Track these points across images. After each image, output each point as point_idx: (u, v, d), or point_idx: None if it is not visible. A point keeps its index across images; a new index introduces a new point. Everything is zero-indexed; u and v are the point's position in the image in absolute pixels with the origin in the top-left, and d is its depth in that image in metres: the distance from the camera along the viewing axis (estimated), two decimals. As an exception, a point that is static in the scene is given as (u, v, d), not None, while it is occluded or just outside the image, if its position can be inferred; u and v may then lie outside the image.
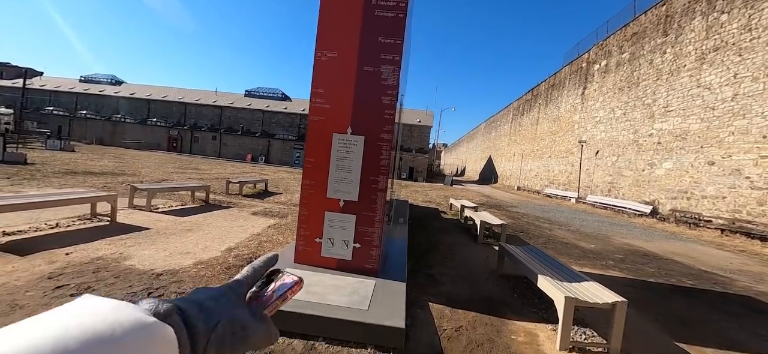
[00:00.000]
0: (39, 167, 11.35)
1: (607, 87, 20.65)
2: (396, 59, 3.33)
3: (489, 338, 2.79)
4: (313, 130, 3.47)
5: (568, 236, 8.53)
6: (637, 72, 17.86)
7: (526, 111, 36.24)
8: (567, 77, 26.88)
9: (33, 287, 2.81)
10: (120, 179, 10.35)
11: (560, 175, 25.76)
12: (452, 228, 7.93)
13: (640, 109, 17.20)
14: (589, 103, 22.58)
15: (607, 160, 19.66)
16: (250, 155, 40.68)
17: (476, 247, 6.08)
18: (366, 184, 3.41)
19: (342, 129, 3.41)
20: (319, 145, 3.46)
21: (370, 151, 3.40)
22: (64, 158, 16.10)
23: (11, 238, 3.94)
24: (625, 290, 4.31)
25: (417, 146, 39.40)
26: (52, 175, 9.83)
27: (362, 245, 3.43)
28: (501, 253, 4.47)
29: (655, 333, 3.23)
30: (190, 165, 20.85)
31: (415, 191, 18.92)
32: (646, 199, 15.89)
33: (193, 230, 5.21)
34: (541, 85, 32.92)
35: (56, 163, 13.18)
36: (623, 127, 18.42)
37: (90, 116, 43.04)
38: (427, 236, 6.57)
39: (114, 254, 3.79)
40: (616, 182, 18.45)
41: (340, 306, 2.64)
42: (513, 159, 38.25)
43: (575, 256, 6.27)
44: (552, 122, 28.55)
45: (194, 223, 5.70)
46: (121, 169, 13.58)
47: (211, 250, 4.29)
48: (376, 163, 3.40)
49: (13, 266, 3.18)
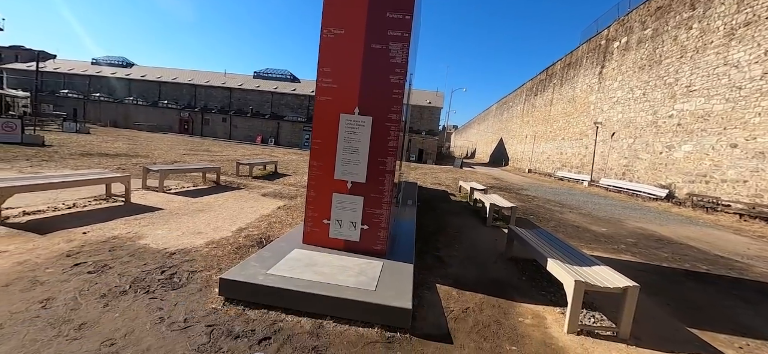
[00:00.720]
0: (56, 149, 11.65)
1: (626, 66, 19.82)
2: (405, 36, 3.21)
3: (496, 320, 2.78)
4: (320, 110, 3.42)
5: (579, 220, 8.40)
6: (659, 49, 17.04)
7: (539, 91, 35.25)
8: (584, 55, 25.87)
9: (52, 265, 2.92)
10: (133, 161, 10.56)
11: (573, 157, 25.21)
12: (461, 210, 7.89)
13: (660, 89, 16.51)
14: (607, 82, 21.77)
15: (623, 143, 19.10)
16: (260, 137, 40.95)
17: (485, 230, 6.05)
18: (374, 166, 3.38)
19: (349, 109, 3.36)
20: (327, 126, 3.42)
21: (378, 132, 3.34)
22: (80, 140, 16.50)
23: (31, 218, 4.08)
24: (637, 275, 4.24)
25: (426, 128, 38.95)
26: (68, 156, 10.09)
27: (370, 227, 3.43)
28: (510, 236, 4.42)
29: (666, 318, 3.18)
30: (201, 147, 21.13)
31: (425, 174, 18.82)
32: (662, 182, 15.47)
33: (205, 211, 5.30)
34: (556, 64, 31.82)
35: (72, 145, 13.51)
36: (642, 108, 17.76)
37: (103, 99, 43.72)
38: (435, 218, 6.56)
39: (129, 233, 3.89)
40: (632, 165, 17.96)
41: (348, 286, 2.66)
42: (525, 141, 37.53)
43: (586, 240, 6.19)
44: (566, 103, 27.73)
45: (206, 203, 5.79)
46: (135, 151, 13.85)
47: (222, 231, 4.37)
48: (384, 144, 3.35)
49: (33, 244, 3.30)
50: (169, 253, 3.44)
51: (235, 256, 3.50)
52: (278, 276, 2.72)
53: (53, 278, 2.68)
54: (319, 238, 3.53)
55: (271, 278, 2.66)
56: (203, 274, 3.01)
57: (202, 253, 3.53)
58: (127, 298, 2.50)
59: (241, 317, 2.39)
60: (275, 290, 2.54)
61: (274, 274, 2.74)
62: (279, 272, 2.79)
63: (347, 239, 3.47)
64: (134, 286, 2.69)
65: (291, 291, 2.53)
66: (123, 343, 2.01)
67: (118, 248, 3.42)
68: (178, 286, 2.76)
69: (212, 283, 2.85)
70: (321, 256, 3.26)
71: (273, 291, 2.54)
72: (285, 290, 2.53)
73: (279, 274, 2.75)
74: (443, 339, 2.42)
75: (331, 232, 3.50)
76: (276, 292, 2.54)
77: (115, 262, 3.08)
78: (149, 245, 3.60)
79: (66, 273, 2.79)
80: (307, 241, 3.56)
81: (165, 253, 3.41)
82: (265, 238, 4.19)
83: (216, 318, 2.35)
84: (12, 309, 2.23)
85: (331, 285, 2.65)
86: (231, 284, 2.59)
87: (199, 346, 2.04)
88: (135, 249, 3.45)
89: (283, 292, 2.53)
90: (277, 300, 2.53)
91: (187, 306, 2.47)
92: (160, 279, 2.85)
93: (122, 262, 3.12)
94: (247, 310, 2.47)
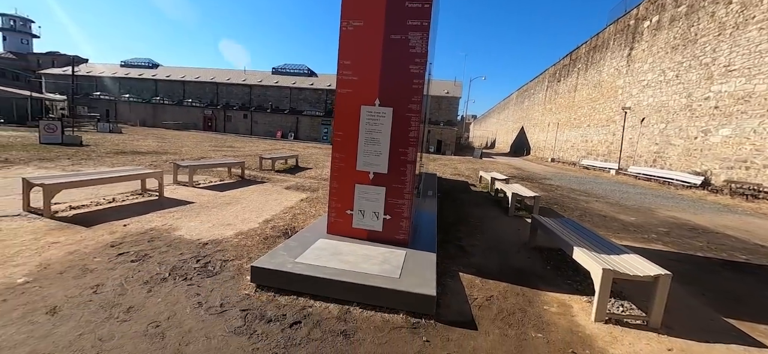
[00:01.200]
0: (93, 148, 12.38)
1: (658, 46, 18.74)
2: (424, 25, 3.20)
3: (521, 308, 2.78)
4: (341, 103, 3.48)
5: (606, 209, 8.12)
6: (694, 27, 15.99)
7: (563, 77, 33.95)
8: (611, 37, 24.64)
9: (99, 254, 3.15)
10: (163, 157, 11.08)
11: (599, 145, 24.24)
12: (482, 201, 7.81)
13: (696, 70, 15.53)
14: (636, 65, 20.69)
15: (653, 128, 18.17)
16: (280, 132, 41.76)
17: (507, 220, 5.97)
18: (395, 156, 3.41)
19: (370, 101, 3.39)
20: (348, 118, 3.47)
21: (399, 123, 3.37)
22: (114, 139, 17.41)
23: (77, 212, 4.40)
24: (669, 264, 4.08)
25: (445, 119, 38.45)
26: (105, 155, 10.71)
27: (392, 217, 3.48)
28: (534, 225, 4.36)
29: (700, 307, 3.07)
30: (225, 143, 21.83)
31: (444, 165, 18.67)
32: (696, 169, 14.64)
33: (232, 204, 5.52)
34: (580, 47, 30.49)
35: (107, 144, 14.30)
36: (675, 91, 16.79)
37: (133, 100, 45.80)
38: (456, 209, 6.53)
39: (164, 225, 4.13)
40: (664, 151, 17.08)
41: (373, 274, 2.73)
42: (547, 129, 36.38)
43: (614, 230, 5.99)
44: (592, 88, 26.59)
45: (233, 197, 6.03)
46: (164, 148, 14.49)
47: (249, 222, 4.55)
48: (405, 134, 3.37)
49: (81, 236, 3.57)
50: (202, 243, 3.63)
51: (263, 247, 3.65)
52: (306, 264, 2.82)
53: (101, 266, 2.90)
54: (343, 228, 3.62)
55: (299, 266, 2.77)
56: (235, 263, 3.17)
57: (232, 243, 3.70)
58: (167, 284, 2.68)
59: (272, 303, 2.51)
60: (304, 278, 2.64)
61: (302, 262, 2.85)
62: (306, 261, 2.89)
63: (370, 229, 3.54)
64: (173, 273, 2.86)
65: (318, 278, 2.63)
66: (167, 324, 2.17)
67: (155, 239, 3.64)
68: (212, 273, 2.92)
69: (244, 271, 2.99)
70: (345, 245, 3.34)
71: (301, 278, 2.64)
72: (313, 278, 2.63)
73: (306, 262, 2.85)
74: (468, 325, 2.45)
75: (354, 223, 3.58)
76: (304, 279, 2.64)
77: (154, 252, 3.29)
78: (184, 236, 3.80)
79: (111, 262, 3.01)
80: (331, 231, 3.66)
81: (198, 244, 3.60)
82: (291, 228, 4.33)
83: (249, 303, 2.48)
84: (68, 294, 2.43)
85: (356, 272, 2.73)
86: (262, 272, 2.71)
87: (235, 329, 2.16)
88: (171, 240, 3.66)
89: (311, 280, 2.63)
90: (305, 287, 2.64)
91: (222, 292, 2.61)
92: (196, 267, 3.02)
93: (160, 251, 3.32)
94: (278, 296, 2.59)
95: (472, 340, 2.29)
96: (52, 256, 3.03)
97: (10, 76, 36.66)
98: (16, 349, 1.84)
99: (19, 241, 3.31)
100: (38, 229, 3.66)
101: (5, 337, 1.94)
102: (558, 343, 2.34)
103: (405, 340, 2.21)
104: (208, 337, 2.07)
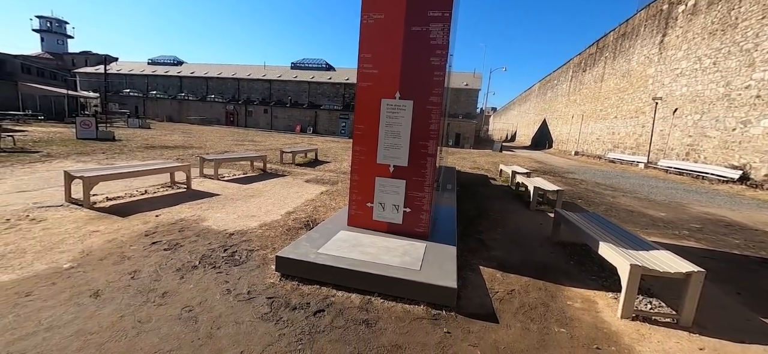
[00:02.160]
0: (125, 143, 13.02)
1: (694, 32, 17.63)
2: (445, 15, 3.16)
3: (543, 302, 2.75)
4: (362, 96, 3.50)
5: (634, 204, 7.81)
6: (735, 11, 14.92)
7: (589, 67, 32.57)
8: (642, 24, 23.38)
9: (135, 242, 3.34)
10: (190, 151, 11.51)
11: (627, 137, 23.19)
12: (502, 195, 7.68)
13: (736, 57, 14.52)
14: (670, 53, 19.57)
15: (687, 119, 17.19)
16: (299, 126, 42.39)
17: (529, 214, 5.86)
18: (415, 149, 3.41)
19: (390, 94, 3.40)
20: (368, 112, 3.50)
21: (419, 116, 3.36)
22: (143, 135, 18.22)
23: (113, 203, 4.66)
24: (702, 261, 3.90)
25: (464, 111, 37.85)
26: (136, 149, 11.26)
27: (412, 210, 3.49)
28: (557, 220, 4.26)
29: (736, 307, 2.92)
30: (247, 137, 22.40)
31: (463, 158, 18.44)
32: (734, 162, 13.77)
33: (256, 196, 5.69)
34: (608, 35, 29.10)
35: (138, 139, 14.99)
36: (711, 80, 15.79)
37: (159, 96, 47.68)
38: (475, 203, 6.47)
39: (193, 216, 4.31)
40: (698, 144, 16.16)
41: (394, 265, 2.77)
42: (571, 121, 35.12)
43: (642, 225, 5.77)
44: (620, 78, 25.39)
45: (256, 189, 6.21)
46: (189, 143, 15.05)
47: (272, 214, 4.68)
48: (425, 127, 3.37)
49: (118, 225, 3.79)
50: (229, 233, 3.78)
51: (286, 238, 3.76)
52: (328, 255, 2.89)
53: (137, 254, 3.08)
54: (363, 220, 3.67)
55: (321, 257, 2.84)
56: (260, 253, 3.28)
57: (256, 234, 3.83)
58: (198, 272, 2.82)
59: (296, 291, 2.59)
60: (326, 268, 2.71)
61: (324, 253, 2.92)
62: (328, 251, 2.96)
63: (390, 222, 3.57)
64: (203, 262, 3.00)
65: (341, 268, 2.69)
66: (199, 309, 2.29)
67: (185, 229, 3.82)
68: (239, 262, 3.04)
69: (268, 261, 3.10)
70: (366, 237, 3.39)
71: (324, 268, 2.71)
72: (335, 268, 2.70)
73: (328, 253, 2.92)
74: (489, 318, 2.45)
75: (374, 215, 3.62)
76: (327, 269, 2.71)
77: (184, 241, 3.46)
78: (211, 227, 3.97)
79: (146, 250, 3.19)
80: (352, 223, 3.72)
81: (225, 234, 3.75)
82: (312, 220, 4.43)
83: (275, 291, 2.57)
84: (108, 279, 2.61)
85: (377, 264, 2.78)
86: (286, 262, 2.80)
87: (262, 315, 2.26)
88: (200, 230, 3.83)
89: (333, 270, 2.70)
90: (328, 277, 2.71)
91: (249, 280, 2.72)
92: (224, 256, 3.15)
93: (190, 241, 3.48)
94: (302, 286, 2.67)
95: (493, 332, 2.29)
96: (93, 243, 3.24)
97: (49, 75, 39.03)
98: (65, 328, 2.00)
99: (64, 229, 3.55)
100: (79, 218, 3.92)
101: (56, 316, 2.10)
102: (582, 338, 2.30)
103: (426, 330, 2.24)
104: (237, 322, 2.17)
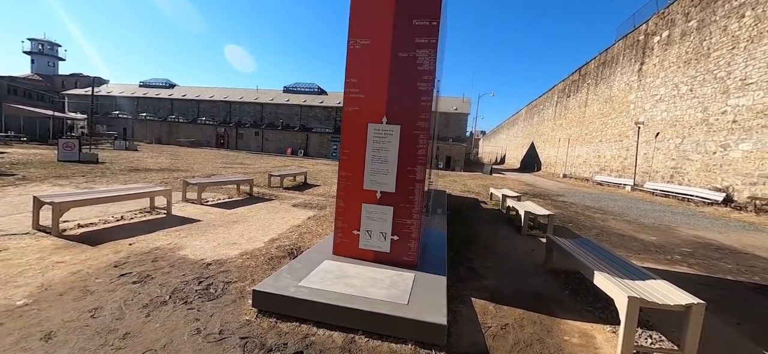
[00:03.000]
0: (108, 166, 12.64)
1: (669, 61, 18.48)
2: (432, 42, 3.15)
3: (539, 338, 2.59)
4: (348, 120, 3.42)
5: (624, 227, 7.80)
6: (706, 41, 15.74)
7: (572, 92, 33.70)
8: (621, 53, 24.47)
9: (102, 274, 3.09)
10: (175, 174, 11.21)
11: (613, 160, 23.72)
12: (493, 219, 7.60)
13: (710, 84, 15.18)
14: (648, 80, 20.40)
15: (669, 143, 17.70)
16: (290, 149, 42.27)
17: (520, 239, 5.75)
18: (403, 175, 3.31)
19: (377, 118, 3.33)
20: (355, 136, 3.41)
21: (407, 140, 3.28)
22: (129, 157, 17.81)
23: (85, 230, 4.39)
24: (697, 289, 3.82)
25: (454, 135, 38.40)
26: (118, 172, 10.90)
27: (400, 238, 3.35)
28: (549, 246, 4.16)
29: (737, 338, 2.81)
30: (236, 160, 22.11)
31: (453, 181, 18.47)
32: (717, 185, 14.10)
33: (239, 222, 5.46)
34: (589, 63, 30.35)
35: (122, 162, 14.60)
36: (689, 105, 16.41)
37: (149, 118, 47.24)
38: (466, 227, 6.35)
39: (169, 245, 4.07)
40: (681, 167, 16.56)
41: (380, 300, 2.59)
42: (558, 145, 35.91)
43: (634, 250, 5.71)
44: (603, 103, 26.27)
45: (240, 215, 5.98)
46: (176, 166, 14.72)
47: (255, 241, 4.47)
48: (413, 152, 3.28)
49: (86, 255, 3.53)
50: (206, 263, 3.55)
51: (267, 267, 3.55)
52: (309, 288, 2.70)
53: (102, 288, 2.83)
54: (349, 249, 3.50)
55: (302, 291, 2.65)
56: (237, 285, 3.07)
57: (236, 264, 3.61)
58: (167, 308, 2.59)
59: (273, 330, 2.38)
60: (307, 303, 2.52)
61: (306, 287, 2.73)
62: (310, 284, 2.78)
63: (377, 250, 3.41)
64: (174, 296, 2.78)
65: (322, 304, 2.50)
66: (162, 353, 2.06)
67: (160, 259, 3.58)
68: (214, 296, 2.82)
69: (246, 294, 2.88)
70: (351, 267, 3.22)
71: (304, 303, 2.52)
72: (316, 303, 2.51)
73: (310, 286, 2.73)
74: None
75: (360, 243, 3.46)
76: (307, 304, 2.52)
77: (156, 273, 3.22)
78: (188, 256, 3.73)
79: (113, 283, 2.94)
80: (337, 252, 3.54)
81: (202, 264, 3.52)
82: (296, 248, 4.23)
83: (249, 330, 2.36)
84: (65, 317, 2.36)
85: (362, 298, 2.60)
86: (264, 296, 2.60)
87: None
88: (175, 260, 3.59)
89: (314, 305, 2.51)
90: (308, 313, 2.51)
91: (223, 317, 2.50)
92: (198, 290, 2.93)
93: (163, 272, 3.25)
94: (280, 323, 2.47)
95: (486, 374, 2.11)
96: (55, 276, 2.98)
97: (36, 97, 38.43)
98: (5, 380, 1.76)
99: (25, 260, 3.28)
100: (45, 248, 3.65)
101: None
102: (581, 379, 2.14)
103: (414, 373, 2.05)
104: (204, 368, 1.96)
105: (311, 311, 2.51)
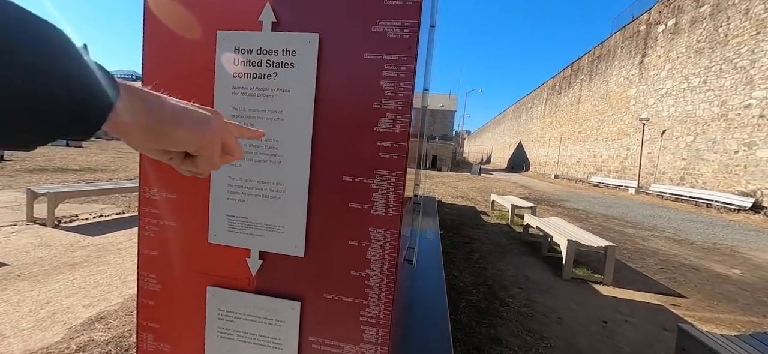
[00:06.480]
0: (16, 163, 9.97)
1: (677, 51, 16.91)
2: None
3: None
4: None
5: (675, 249, 5.79)
6: (723, 27, 14.16)
7: (564, 89, 32.27)
8: (618, 45, 22.97)
9: None
10: (96, 175, 8.66)
11: (611, 160, 22.18)
12: (504, 241, 5.44)
13: (730, 75, 13.58)
14: (651, 73, 18.86)
15: (678, 142, 16.11)
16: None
17: (567, 290, 3.56)
18: (325, 211, 1.03)
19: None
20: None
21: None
22: (62, 154, 14.89)
23: None
24: None
25: (440, 133, 36.53)
26: (24, 171, 8.41)
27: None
28: (682, 342, 1.96)
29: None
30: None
31: (442, 183, 16.38)
32: (741, 188, 12.47)
33: (81, 265, 3.07)
34: (583, 58, 28.91)
35: (41, 159, 11.76)
36: (703, 99, 14.82)
37: (112, 112, 43.44)
38: (472, 262, 4.15)
39: None
40: (693, 168, 14.96)
41: None
42: (548, 144, 34.49)
43: (742, 304, 3.63)
44: (599, 99, 24.77)
45: (99, 247, 3.57)
46: (108, 165, 12.03)
47: (66, 319, 2.10)
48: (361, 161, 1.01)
49: None
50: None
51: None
52: None
53: None
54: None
55: None
56: None
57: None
58: None
59: None
60: None
61: None
62: None
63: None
64: None
65: None
66: None
67: None
68: None
69: None
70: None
71: None
72: None
73: None
74: None
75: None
76: None
77: None
78: None
79: None
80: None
81: None
82: (121, 348, 1.89)
83: None
84: None
85: None
86: None
87: None
88: None
89: None
90: None
91: None
92: None
93: None
94: None
95: None
96: None
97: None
98: None
99: None
100: None
101: None
102: None
103: None
104: None
105: None
